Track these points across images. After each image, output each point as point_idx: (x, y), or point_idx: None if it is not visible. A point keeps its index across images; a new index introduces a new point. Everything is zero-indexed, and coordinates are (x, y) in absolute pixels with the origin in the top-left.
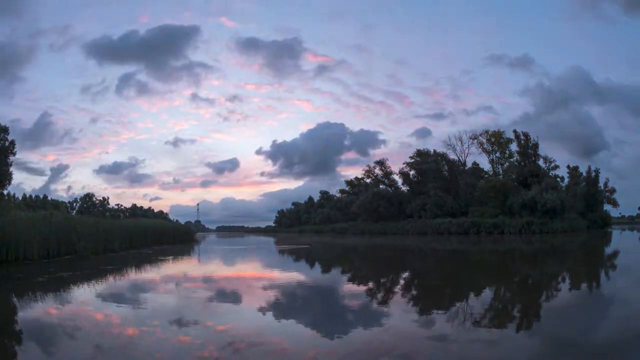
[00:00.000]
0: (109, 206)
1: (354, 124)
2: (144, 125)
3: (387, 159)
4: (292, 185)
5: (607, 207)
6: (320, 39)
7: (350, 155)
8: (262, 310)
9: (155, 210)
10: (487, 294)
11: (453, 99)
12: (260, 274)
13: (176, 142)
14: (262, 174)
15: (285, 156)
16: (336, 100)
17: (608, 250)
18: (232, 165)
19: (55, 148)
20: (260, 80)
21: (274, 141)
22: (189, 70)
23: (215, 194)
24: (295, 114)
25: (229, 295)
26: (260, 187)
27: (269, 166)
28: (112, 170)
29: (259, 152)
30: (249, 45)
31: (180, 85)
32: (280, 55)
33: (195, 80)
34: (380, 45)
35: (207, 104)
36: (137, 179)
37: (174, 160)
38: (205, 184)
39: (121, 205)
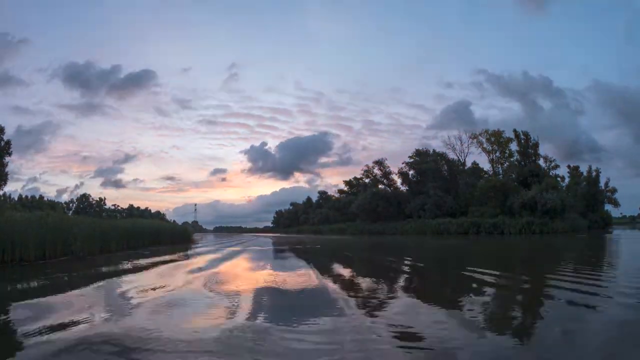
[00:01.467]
0: (105, 206)
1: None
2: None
3: (386, 159)
4: (276, 188)
5: (607, 207)
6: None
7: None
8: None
9: (153, 211)
10: (487, 295)
11: None
12: (257, 273)
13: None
14: (249, 177)
15: (269, 161)
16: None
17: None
18: (222, 171)
19: (54, 151)
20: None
21: (259, 148)
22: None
23: (207, 197)
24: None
25: (225, 294)
26: (249, 190)
27: (256, 170)
28: (107, 173)
29: (245, 158)
30: None
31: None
32: None
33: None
34: None
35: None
36: (133, 183)
37: (169, 167)
38: (198, 187)
39: (118, 206)
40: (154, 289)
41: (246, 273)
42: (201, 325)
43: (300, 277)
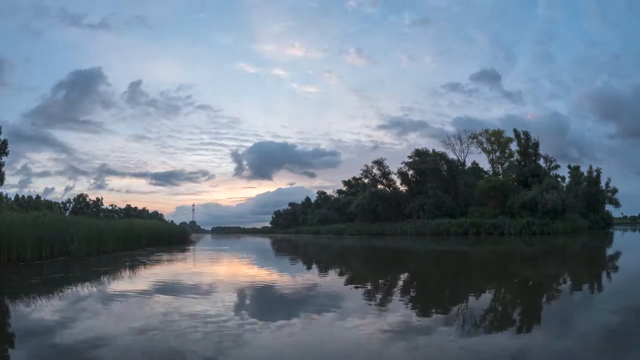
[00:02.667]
0: (102, 207)
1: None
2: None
3: (385, 159)
4: (267, 189)
5: (608, 207)
6: None
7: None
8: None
9: (150, 211)
10: (486, 296)
11: None
12: (254, 275)
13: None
14: (243, 179)
15: (254, 164)
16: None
17: (611, 252)
18: (211, 174)
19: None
20: None
21: (244, 150)
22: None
23: (204, 198)
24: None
25: (223, 296)
26: (246, 191)
27: (243, 173)
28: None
29: (236, 163)
30: None
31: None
32: None
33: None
34: None
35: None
36: (130, 184)
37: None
38: (196, 189)
39: (115, 206)
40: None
41: None
42: None
43: None
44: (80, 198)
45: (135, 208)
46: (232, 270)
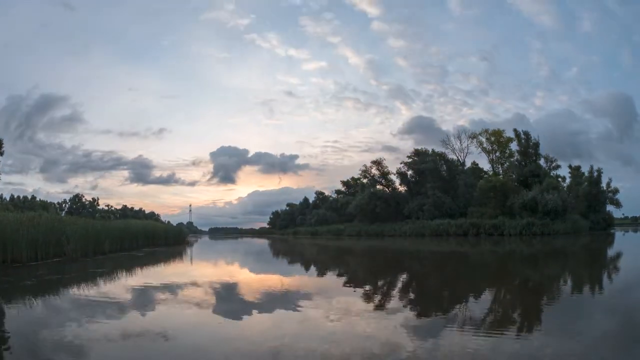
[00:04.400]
0: (98, 207)
1: None
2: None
3: (384, 159)
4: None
5: (609, 207)
6: None
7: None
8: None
9: (147, 212)
10: (486, 298)
11: None
12: (253, 277)
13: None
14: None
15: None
16: None
17: (612, 253)
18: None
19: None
20: None
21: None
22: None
23: (202, 198)
24: None
25: (222, 299)
26: (243, 190)
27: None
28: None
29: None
30: None
31: None
32: None
33: None
34: None
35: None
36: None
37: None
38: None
39: (111, 206)
40: None
41: None
42: None
43: None
44: (76, 198)
45: (132, 208)
46: (228, 269)
